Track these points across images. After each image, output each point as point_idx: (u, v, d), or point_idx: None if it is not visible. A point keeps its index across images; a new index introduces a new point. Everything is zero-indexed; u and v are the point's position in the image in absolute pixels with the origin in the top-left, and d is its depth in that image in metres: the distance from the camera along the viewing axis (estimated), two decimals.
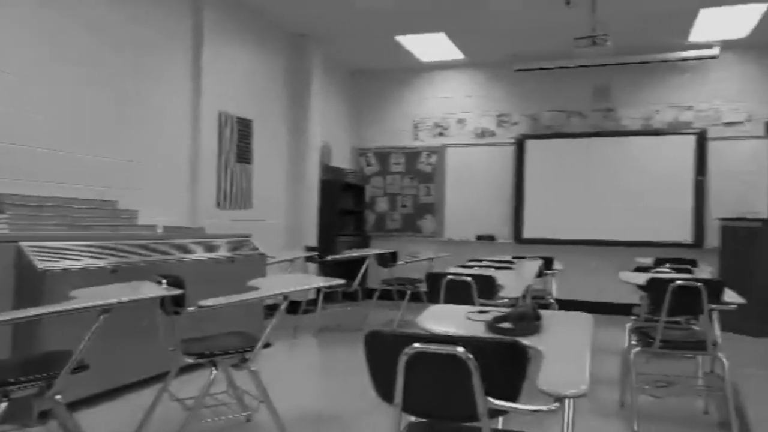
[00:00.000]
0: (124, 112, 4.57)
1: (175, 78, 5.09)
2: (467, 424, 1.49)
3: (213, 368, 2.64)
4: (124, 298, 2.32)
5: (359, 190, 8.06)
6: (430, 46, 6.99)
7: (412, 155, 8.02)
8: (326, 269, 6.02)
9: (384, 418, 1.46)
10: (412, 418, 1.73)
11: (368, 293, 6.93)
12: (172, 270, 3.07)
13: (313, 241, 6.86)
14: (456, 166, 7.78)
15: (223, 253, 4.44)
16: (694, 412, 3.47)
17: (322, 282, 3.86)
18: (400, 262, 6.29)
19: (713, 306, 3.08)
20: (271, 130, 6.49)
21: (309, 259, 6.13)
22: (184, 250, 4.13)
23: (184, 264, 4.00)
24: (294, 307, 6.03)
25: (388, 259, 6.08)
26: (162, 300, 2.71)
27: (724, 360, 3.09)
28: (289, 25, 6.53)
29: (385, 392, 1.53)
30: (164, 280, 2.76)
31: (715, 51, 6.52)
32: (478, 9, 5.77)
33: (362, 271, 5.94)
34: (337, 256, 5.96)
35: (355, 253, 6.27)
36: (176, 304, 2.73)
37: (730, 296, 3.13)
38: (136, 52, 4.67)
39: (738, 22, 5.94)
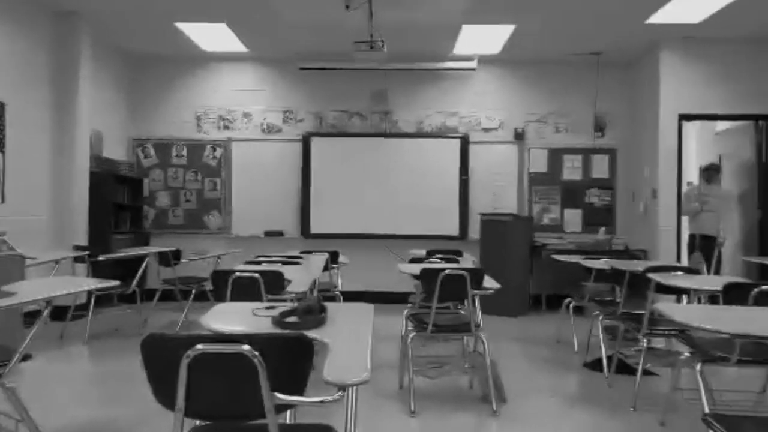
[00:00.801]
0: None
1: None
2: (254, 422, 1.48)
3: None
4: None
5: (137, 184, 7.45)
6: (212, 35, 6.72)
7: (195, 148, 7.64)
8: (99, 270, 5.44)
9: (165, 425, 1.37)
10: (197, 422, 1.66)
11: (149, 294, 6.45)
12: None
13: (83, 240, 6.16)
14: (243, 161, 7.62)
15: None
16: (461, 389, 3.88)
17: (93, 284, 3.50)
18: (183, 261, 5.98)
19: (475, 291, 3.48)
20: (31, 115, 5.69)
21: (78, 259, 5.50)
22: None
23: None
24: (61, 312, 5.39)
25: (170, 258, 5.74)
26: None
27: (485, 339, 3.52)
28: (51, 1, 5.77)
29: (165, 398, 1.45)
30: None
31: (474, 64, 7.35)
32: (261, 3, 5.70)
33: (141, 270, 5.51)
34: (112, 255, 5.45)
35: (133, 251, 5.81)
36: None
37: (489, 282, 3.56)
38: None
39: (492, 40, 6.76)
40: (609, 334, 4.68)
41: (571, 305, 5.02)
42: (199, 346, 1.37)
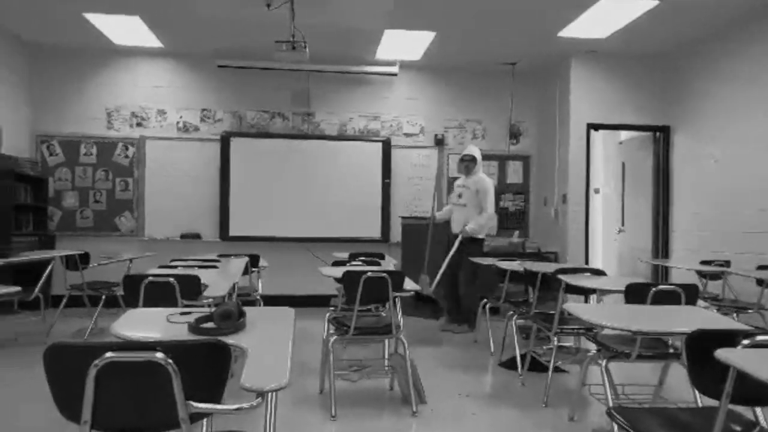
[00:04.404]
0: None
1: None
2: None
3: None
4: None
5: (41, 183, 6.99)
6: (124, 28, 6.41)
7: (106, 146, 7.27)
8: None
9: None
10: None
11: (54, 301, 6.06)
12: None
13: None
14: (157, 161, 7.32)
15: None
16: (382, 391, 3.91)
17: None
18: (93, 265, 5.66)
19: (396, 293, 3.52)
20: None
21: None
22: None
23: None
24: None
25: (78, 262, 5.43)
26: None
27: (405, 341, 3.56)
28: None
29: (70, 411, 1.38)
30: None
31: (395, 69, 7.45)
32: None
33: (45, 275, 5.18)
34: (12, 260, 5.08)
35: (36, 255, 5.45)
36: None
37: (410, 284, 3.62)
38: None
39: (413, 46, 6.88)
40: (523, 333, 4.88)
41: (487, 306, 5.18)
42: (109, 354, 1.31)
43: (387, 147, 7.60)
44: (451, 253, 5.81)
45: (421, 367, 3.85)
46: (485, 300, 5.23)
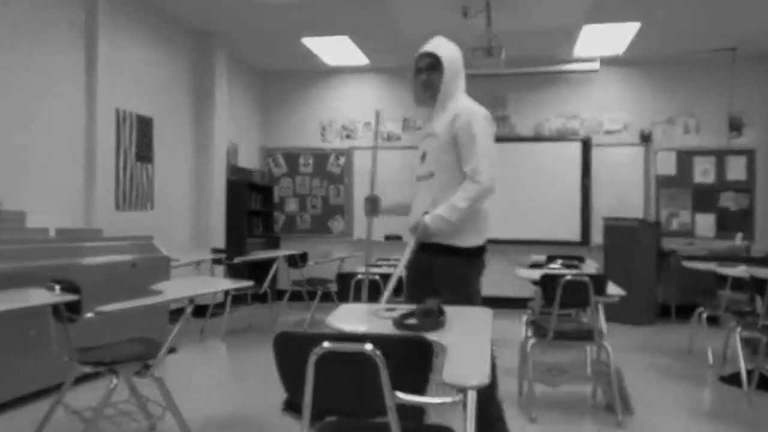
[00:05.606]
0: (8, 108, 4.27)
1: (67, 72, 4.81)
2: (376, 420, 1.54)
3: (113, 377, 2.55)
4: (7, 307, 2.19)
5: (267, 191, 7.97)
6: (335, 49, 7.04)
7: (320, 157, 8.04)
8: (234, 271, 5.91)
9: (294, 418, 1.50)
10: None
11: (278, 295, 6.88)
12: (67, 275, 2.93)
13: (220, 243, 6.71)
14: (364, 168, 7.88)
15: (123, 256, 4.26)
16: (584, 398, 3.77)
17: (230, 284, 3.82)
18: (310, 263, 6.29)
19: (599, 298, 3.36)
20: (175, 128, 6.29)
21: (216, 261, 6.00)
22: (80, 253, 3.93)
23: (80, 268, 3.82)
24: (201, 310, 5.89)
25: (298, 260, 6.08)
26: (55, 307, 2.57)
27: (609, 348, 3.38)
28: (192, 22, 6.36)
29: (294, 392, 1.55)
30: (57, 286, 2.62)
31: (596, 65, 7.05)
32: (382, 16, 5.89)
33: (272, 272, 5.89)
34: (246, 258, 5.88)
35: (265, 254, 6.21)
36: (71, 310, 2.60)
37: (613, 289, 3.43)
38: (25, 45, 4.39)
39: (615, 40, 6.47)
40: (748, 347, 4.32)
41: (703, 315, 4.68)
42: (326, 344, 1.45)
43: (586, 146, 7.25)
44: (400, 268, 2.54)
45: (627, 376, 3.63)
46: (701, 308, 4.72)
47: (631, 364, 4.50)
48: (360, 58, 7.36)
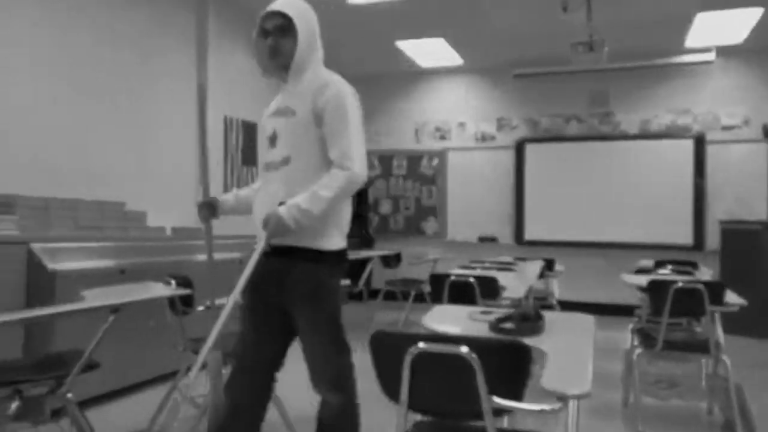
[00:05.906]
0: (132, 113, 4.62)
1: (181, 81, 5.14)
2: (473, 423, 1.52)
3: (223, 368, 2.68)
4: (131, 299, 2.36)
5: (363, 193, 8.11)
6: (429, 51, 7.03)
7: (414, 158, 8.06)
8: None
9: (391, 416, 1.49)
10: (419, 417, 1.76)
11: (373, 293, 6.97)
12: (181, 271, 3.12)
13: None
14: (457, 169, 7.82)
15: (231, 253, 4.47)
16: (697, 413, 3.50)
17: None
18: (403, 264, 6.32)
19: (715, 307, 3.10)
20: None
21: None
22: (193, 250, 4.17)
23: (193, 264, 4.05)
24: None
25: (392, 260, 6.12)
26: (171, 300, 2.76)
27: (727, 361, 3.12)
28: None
29: (391, 391, 1.56)
30: (173, 281, 2.81)
31: (711, 56, 6.55)
32: (477, 15, 5.80)
33: (367, 271, 5.98)
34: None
35: (360, 254, 6.31)
36: (185, 304, 2.79)
37: (732, 298, 3.16)
38: (143, 54, 4.73)
39: (734, 28, 5.97)
40: None
41: None
42: (421, 345, 1.45)
43: (700, 143, 6.76)
44: (247, 273, 2.15)
45: (749, 393, 3.33)
46: None
47: (752, 380, 4.13)
48: (454, 59, 7.30)
